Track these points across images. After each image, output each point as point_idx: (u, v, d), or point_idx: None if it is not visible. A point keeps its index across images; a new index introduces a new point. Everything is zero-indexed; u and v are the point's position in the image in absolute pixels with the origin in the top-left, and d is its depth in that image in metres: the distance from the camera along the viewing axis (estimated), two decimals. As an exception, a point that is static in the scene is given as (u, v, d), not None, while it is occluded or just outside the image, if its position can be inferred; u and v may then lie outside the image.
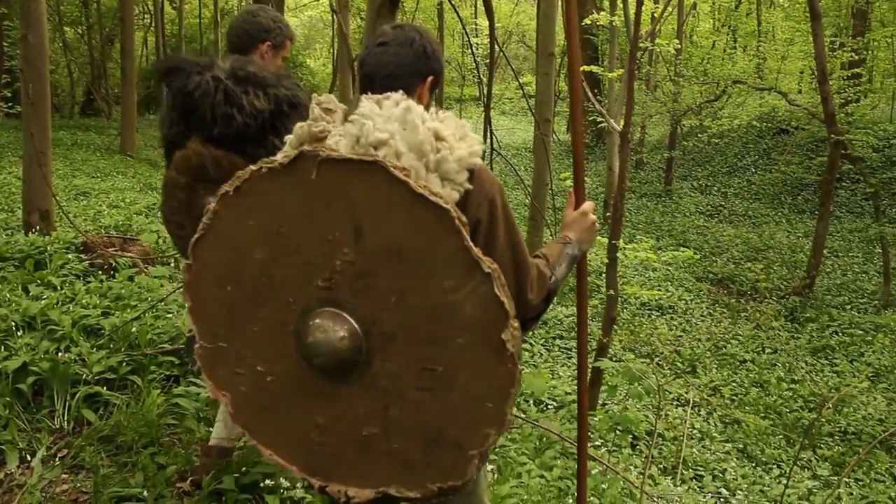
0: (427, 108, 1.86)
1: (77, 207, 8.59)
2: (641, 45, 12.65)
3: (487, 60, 10.81)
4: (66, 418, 3.23)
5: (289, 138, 1.84)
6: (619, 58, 12.69)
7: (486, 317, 1.57)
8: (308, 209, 1.64)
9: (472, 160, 1.71)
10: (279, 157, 1.65)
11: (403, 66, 1.88)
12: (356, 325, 1.64)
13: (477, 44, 20.17)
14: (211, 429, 3.31)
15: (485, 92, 10.09)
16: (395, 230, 1.59)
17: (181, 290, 2.12)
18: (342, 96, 13.28)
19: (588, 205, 2.15)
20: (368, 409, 1.71)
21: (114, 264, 5.58)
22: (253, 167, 1.67)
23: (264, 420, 1.83)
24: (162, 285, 5.31)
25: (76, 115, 22.35)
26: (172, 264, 6.39)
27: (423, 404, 1.67)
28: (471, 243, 1.54)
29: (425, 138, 1.67)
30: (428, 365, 1.64)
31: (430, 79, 1.94)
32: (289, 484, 2.87)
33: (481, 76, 12.29)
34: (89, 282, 5.05)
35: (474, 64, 16.83)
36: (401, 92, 1.78)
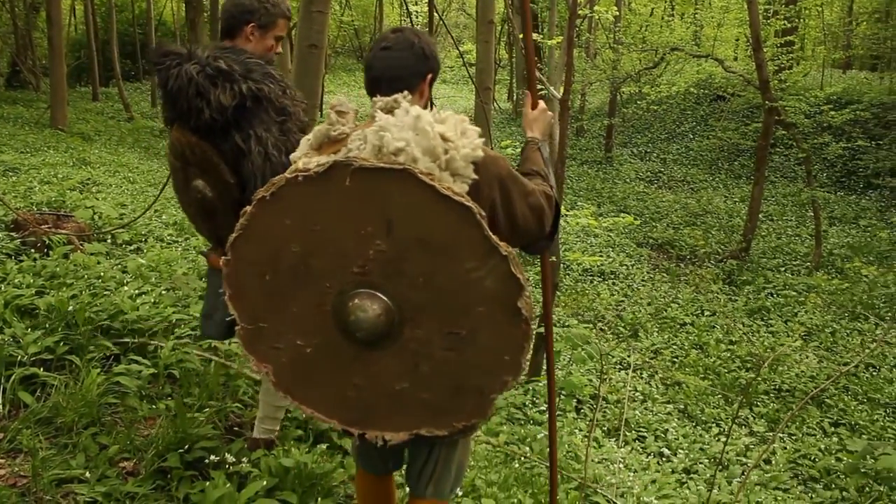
0: (427, 101, 2.16)
1: (6, 184, 8.30)
2: (581, 12, 12.68)
3: (427, 29, 10.71)
4: (1, 402, 3.14)
5: (306, 138, 2.07)
6: (558, 25, 12.68)
7: (503, 290, 1.89)
8: (342, 209, 1.87)
9: (475, 154, 1.94)
10: (313, 165, 1.84)
11: (407, 68, 2.09)
12: (389, 303, 1.91)
13: (416, 12, 19.98)
14: (154, 406, 3.27)
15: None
16: (422, 224, 1.85)
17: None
18: (280, 65, 13.02)
19: (542, 104, 2.49)
20: (400, 369, 2.01)
21: (47, 242, 5.41)
22: (288, 175, 1.86)
23: (304, 385, 2.10)
24: (99, 262, 5.19)
25: (1, 88, 21.50)
26: (110, 240, 6.24)
27: (448, 361, 2.00)
28: (489, 232, 1.82)
29: (437, 143, 1.89)
30: (453, 329, 1.96)
31: (429, 76, 2.15)
32: (234, 459, 2.86)
33: (422, 45, 12.21)
34: (21, 261, 4.89)
35: (415, 32, 16.68)
36: (405, 92, 2.02)
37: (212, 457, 2.85)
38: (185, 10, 17.39)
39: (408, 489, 2.38)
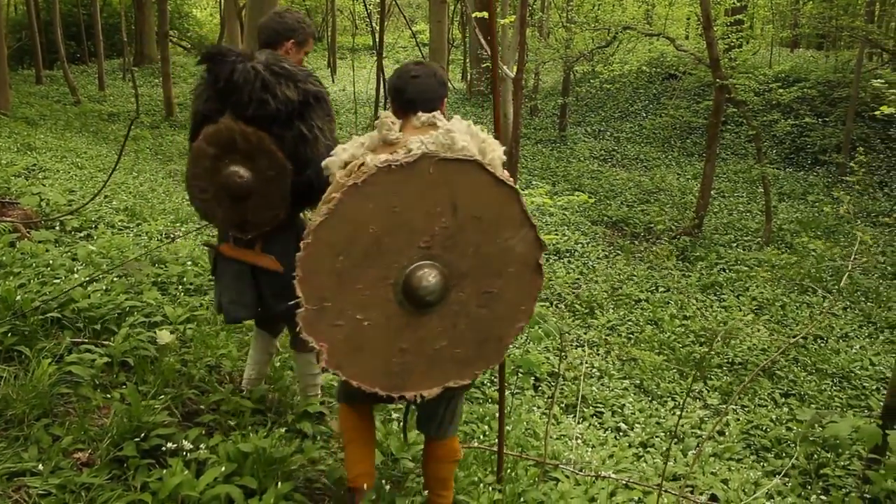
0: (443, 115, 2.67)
1: (-53, 171, 8.04)
2: (534, -9, 12.65)
3: (379, 9, 10.62)
4: (-52, 394, 3.06)
5: (360, 141, 2.56)
6: (511, 5, 12.67)
7: (530, 251, 2.49)
8: (420, 193, 2.31)
9: (502, 156, 2.58)
10: (401, 157, 2.27)
11: (433, 92, 2.67)
12: (445, 270, 2.38)
13: (369, -9, 19.78)
14: (108, 395, 3.22)
15: (377, 41, 9.95)
16: (480, 203, 2.38)
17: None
18: (231, 42, 12.79)
19: None
20: (442, 329, 2.46)
21: (-8, 230, 5.27)
22: (379, 164, 2.25)
23: (354, 358, 2.41)
24: (48, 250, 5.07)
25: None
26: (58, 227, 6.10)
27: (481, 317, 2.49)
28: (525, 208, 2.43)
29: (485, 145, 2.53)
30: (488, 289, 2.47)
31: (444, 98, 2.75)
32: (191, 446, 2.83)
33: (373, 25, 12.08)
34: (-34, 249, 4.76)
35: (366, 12, 16.54)
36: (438, 111, 2.62)
37: (169, 444, 2.82)
38: (131, -9, 16.97)
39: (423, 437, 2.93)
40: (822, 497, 5.06)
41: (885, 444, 5.14)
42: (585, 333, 8.37)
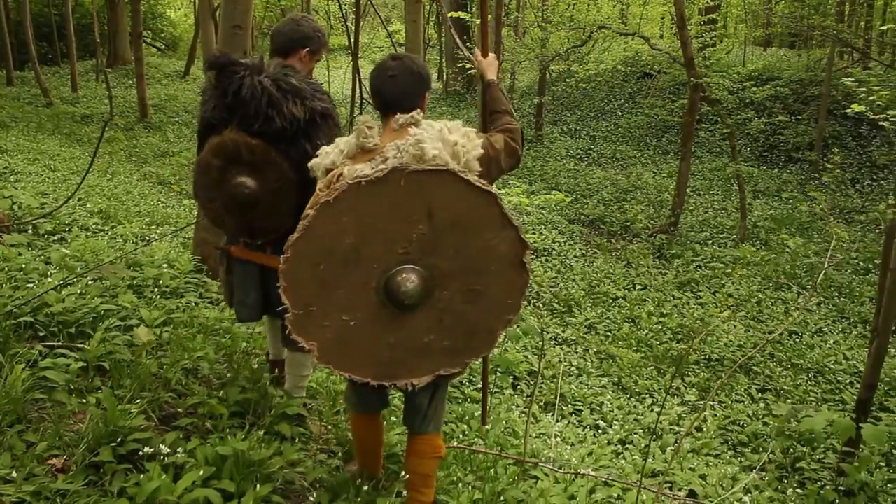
0: (424, 111, 2.70)
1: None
2: (509, -9, 12.67)
3: (354, 9, 10.59)
4: (-81, 401, 3.01)
5: (339, 147, 2.62)
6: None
7: (514, 251, 2.54)
8: (393, 204, 2.38)
9: (479, 153, 2.56)
10: (370, 172, 2.35)
11: (411, 91, 2.65)
12: (425, 273, 2.46)
13: (345, -9, 19.73)
14: (84, 400, 3.18)
15: (352, 41, 9.92)
16: (457, 209, 2.43)
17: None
18: (205, 47, 12.73)
19: (491, 54, 3.17)
20: (428, 324, 2.55)
21: (-37, 234, 5.20)
22: (350, 181, 2.34)
23: (345, 353, 2.54)
24: (20, 254, 5.00)
25: None
26: (31, 231, 6.03)
27: (466, 312, 2.58)
28: (506, 209, 2.45)
29: (458, 149, 2.51)
30: (472, 287, 2.55)
31: (426, 93, 2.74)
32: (169, 450, 2.81)
33: (349, 25, 12.05)
34: (-64, 254, 4.69)
35: (341, 13, 16.49)
36: (418, 109, 2.63)
37: (146, 448, 2.80)
38: (104, -9, 16.77)
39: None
40: (798, 490, 5.12)
41: (858, 437, 5.20)
42: (563, 332, 8.40)
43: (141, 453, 2.79)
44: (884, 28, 14.81)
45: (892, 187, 13.79)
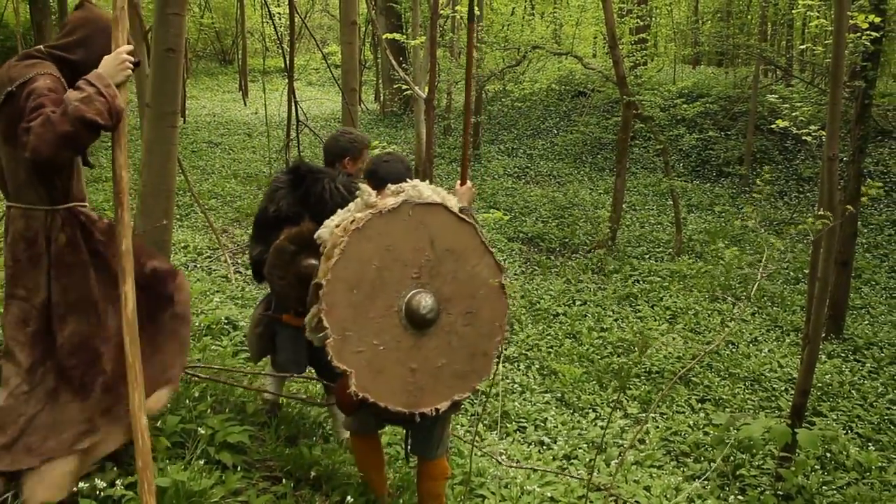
0: None
1: None
2: (442, 12, 12.80)
3: (289, 31, 10.54)
4: None
5: (348, 209, 3.12)
6: (422, 25, 12.75)
7: (492, 274, 3.09)
8: (404, 232, 2.92)
9: (459, 205, 3.19)
10: (388, 204, 2.92)
11: (399, 173, 3.30)
12: (435, 294, 2.95)
13: (278, 14, 19.61)
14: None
15: (288, 63, 9.85)
16: (451, 238, 3.01)
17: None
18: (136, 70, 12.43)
19: (469, 183, 3.76)
20: (440, 347, 2.97)
21: None
22: (372, 211, 2.89)
23: (377, 381, 2.87)
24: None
25: None
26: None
27: (467, 334, 3.03)
28: (484, 239, 3.09)
29: (443, 196, 3.09)
30: (469, 310, 3.03)
31: (408, 178, 3.24)
32: (105, 484, 2.71)
33: (284, 47, 11.98)
34: None
35: (276, 35, 16.37)
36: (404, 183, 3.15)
37: (82, 484, 2.70)
38: (31, 13, 16.33)
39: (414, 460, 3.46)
40: (740, 497, 5.21)
41: (794, 442, 5.33)
42: (505, 349, 8.42)
43: (77, 489, 2.69)
44: (803, 47, 15.38)
45: (817, 199, 14.26)
